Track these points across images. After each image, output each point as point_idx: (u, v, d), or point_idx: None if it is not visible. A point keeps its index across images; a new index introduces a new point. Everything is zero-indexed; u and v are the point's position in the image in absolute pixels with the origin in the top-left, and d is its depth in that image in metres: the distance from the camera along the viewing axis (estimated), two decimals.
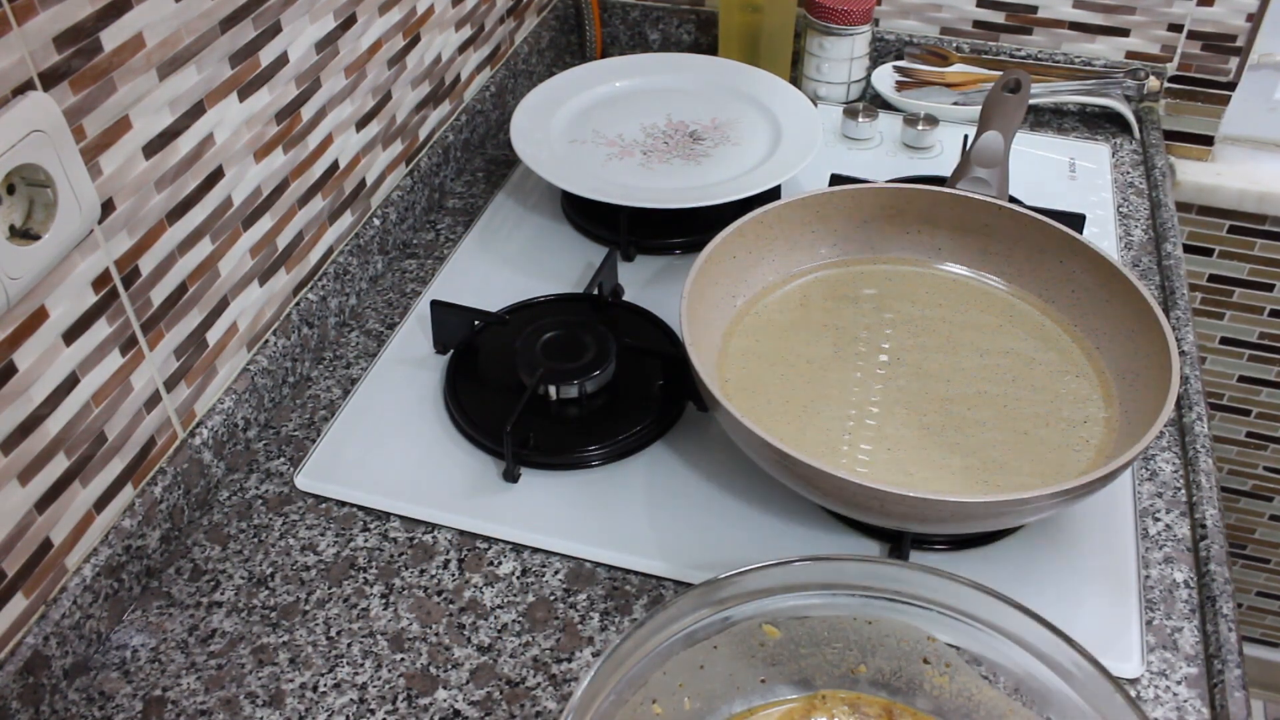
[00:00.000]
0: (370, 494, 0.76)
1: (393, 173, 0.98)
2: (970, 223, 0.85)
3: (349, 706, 0.64)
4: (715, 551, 0.72)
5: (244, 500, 0.77)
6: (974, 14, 1.21)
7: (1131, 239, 1.01)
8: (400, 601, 0.70)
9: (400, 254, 0.99)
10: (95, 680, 0.66)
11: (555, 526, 0.74)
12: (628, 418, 0.80)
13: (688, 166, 1.00)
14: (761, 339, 0.81)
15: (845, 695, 0.60)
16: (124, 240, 0.66)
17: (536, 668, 0.66)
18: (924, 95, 1.17)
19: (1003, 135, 0.88)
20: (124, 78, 0.64)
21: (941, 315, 0.83)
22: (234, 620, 0.69)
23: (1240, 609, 1.63)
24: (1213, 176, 1.23)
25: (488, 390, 0.82)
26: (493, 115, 1.16)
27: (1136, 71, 1.16)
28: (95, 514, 0.67)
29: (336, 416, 0.82)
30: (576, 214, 1.01)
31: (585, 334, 0.82)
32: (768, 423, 0.74)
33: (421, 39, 0.99)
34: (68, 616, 0.64)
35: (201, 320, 0.75)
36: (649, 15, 1.30)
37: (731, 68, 1.12)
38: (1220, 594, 0.69)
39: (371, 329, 0.91)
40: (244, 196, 0.77)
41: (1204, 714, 0.64)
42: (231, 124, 0.74)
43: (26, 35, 0.56)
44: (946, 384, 0.77)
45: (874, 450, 0.73)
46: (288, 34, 0.79)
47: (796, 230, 0.85)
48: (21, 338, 0.60)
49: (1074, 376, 0.77)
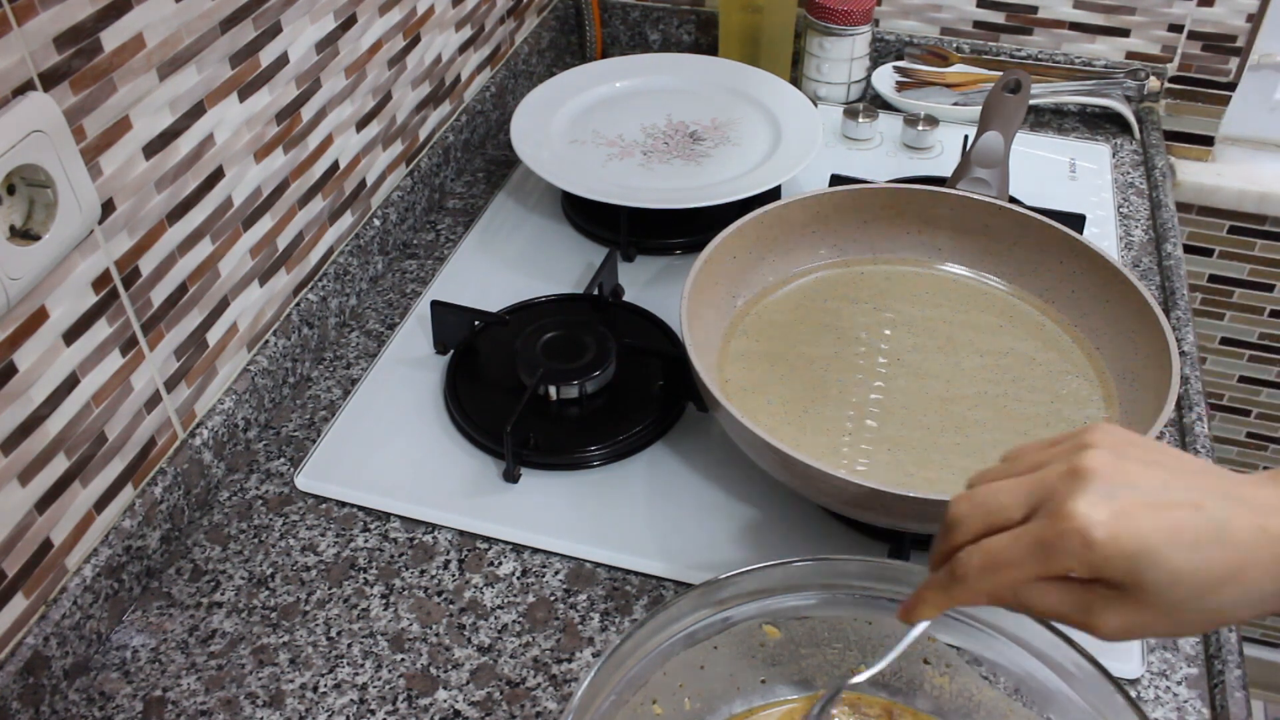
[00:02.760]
0: (370, 494, 0.76)
1: (393, 173, 0.98)
2: (970, 223, 0.85)
3: (349, 707, 0.64)
4: (715, 551, 0.72)
5: (244, 500, 0.77)
6: (974, 14, 1.21)
7: (1132, 239, 1.01)
8: (400, 602, 0.70)
9: (400, 254, 0.99)
10: (95, 680, 0.66)
11: (555, 527, 0.74)
12: (628, 418, 0.80)
13: (688, 166, 1.00)
14: (761, 339, 0.81)
15: (845, 695, 0.60)
16: (124, 240, 0.66)
17: (537, 668, 0.66)
18: (924, 95, 1.17)
19: (1003, 135, 0.88)
20: (124, 78, 0.64)
21: (941, 315, 0.83)
22: (234, 621, 0.69)
23: None
24: (1213, 177, 1.23)
25: (488, 390, 0.82)
26: (493, 115, 1.16)
27: (1137, 72, 1.16)
28: (95, 514, 0.67)
29: (337, 417, 0.82)
30: (576, 214, 1.01)
31: (585, 334, 0.82)
32: (768, 423, 0.74)
33: (422, 39, 0.99)
34: (68, 617, 0.64)
35: (202, 320, 0.75)
36: (649, 15, 1.30)
37: (731, 68, 1.12)
38: None
39: (372, 329, 0.91)
40: (244, 197, 0.77)
41: (1204, 714, 0.64)
42: (232, 124, 0.74)
43: (26, 35, 0.56)
44: (946, 384, 0.77)
45: (874, 450, 0.73)
46: (288, 34, 0.79)
47: (796, 230, 0.85)
48: (22, 338, 0.60)
49: (1074, 376, 0.77)
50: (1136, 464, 0.44)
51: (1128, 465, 0.43)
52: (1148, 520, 0.42)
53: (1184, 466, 0.44)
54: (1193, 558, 0.42)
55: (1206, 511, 0.42)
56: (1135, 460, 0.44)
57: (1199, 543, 0.42)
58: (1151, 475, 0.43)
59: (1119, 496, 0.42)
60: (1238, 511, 0.42)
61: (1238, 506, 0.43)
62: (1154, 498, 0.42)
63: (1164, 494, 0.43)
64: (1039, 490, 0.44)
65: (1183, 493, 0.43)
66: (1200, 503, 0.42)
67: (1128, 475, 0.43)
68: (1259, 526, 0.42)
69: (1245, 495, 0.43)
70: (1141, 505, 0.42)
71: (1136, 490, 0.42)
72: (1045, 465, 0.45)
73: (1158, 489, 0.43)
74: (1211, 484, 0.44)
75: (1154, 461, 0.44)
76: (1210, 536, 0.42)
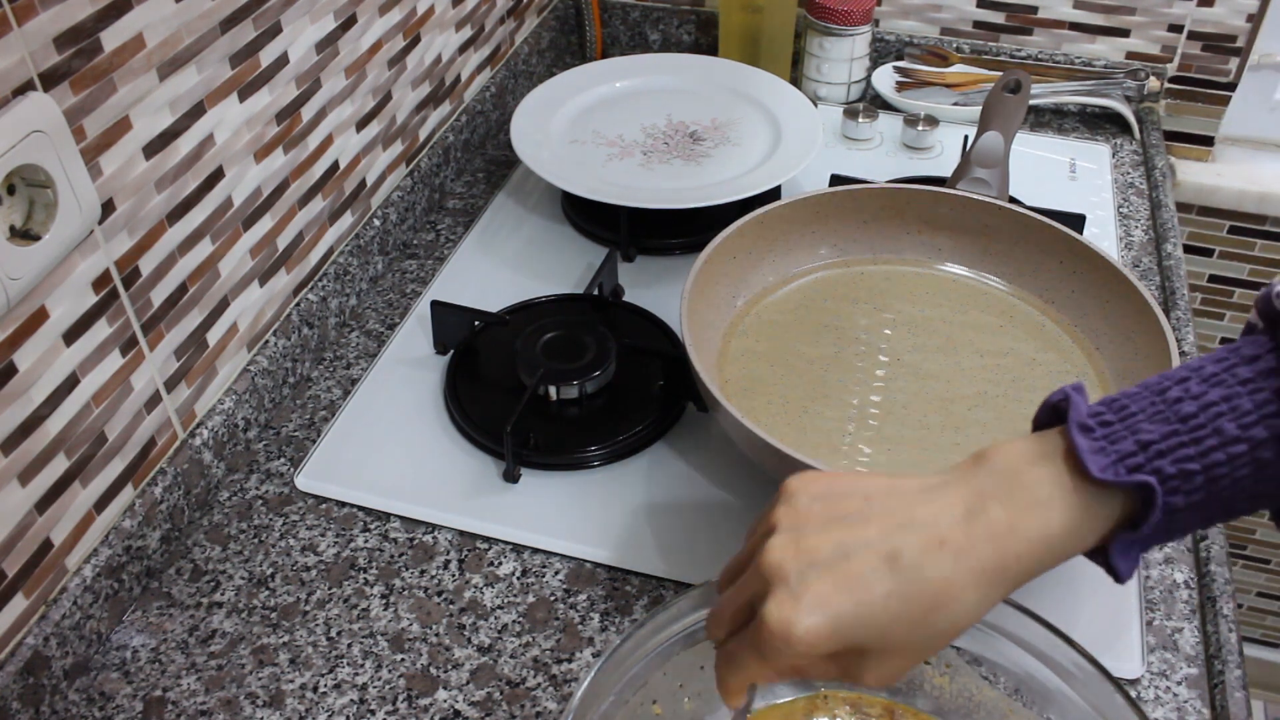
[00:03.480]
0: (370, 494, 0.76)
1: (393, 173, 0.98)
2: (970, 223, 0.85)
3: (349, 707, 0.64)
4: (715, 551, 0.72)
5: (244, 501, 0.77)
6: (974, 14, 1.21)
7: (1132, 239, 1.01)
8: (400, 602, 0.70)
9: (400, 254, 0.99)
10: (95, 680, 0.66)
11: (555, 527, 0.74)
12: (628, 418, 0.80)
13: (688, 166, 1.00)
14: (761, 339, 0.81)
15: (846, 695, 0.60)
16: (124, 240, 0.66)
17: (537, 668, 0.66)
18: (924, 95, 1.17)
19: (1003, 135, 0.88)
20: (124, 78, 0.64)
21: (941, 315, 0.83)
22: (234, 621, 0.69)
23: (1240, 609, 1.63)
24: (1213, 177, 1.23)
25: (488, 390, 0.82)
26: (493, 115, 1.16)
27: (1137, 72, 1.16)
28: (95, 514, 0.67)
29: (337, 417, 0.82)
30: (576, 214, 1.01)
31: (585, 334, 0.82)
32: (768, 423, 0.74)
33: (421, 39, 0.99)
34: (68, 617, 0.64)
35: (202, 321, 0.75)
36: (649, 15, 1.30)
37: (731, 68, 1.12)
38: (1220, 594, 0.69)
39: (372, 329, 0.91)
40: (244, 197, 0.77)
41: (1204, 714, 0.64)
42: (232, 124, 0.74)
43: (26, 35, 0.56)
44: (946, 384, 0.77)
45: (874, 451, 0.73)
46: (288, 34, 0.79)
47: (796, 230, 0.85)
48: (22, 338, 0.60)
49: (1074, 376, 0.77)
50: (814, 534, 0.44)
51: (805, 540, 0.44)
52: (834, 594, 0.43)
53: (863, 511, 0.45)
54: (890, 605, 0.43)
55: (881, 553, 0.43)
56: (813, 529, 0.45)
57: (889, 590, 0.43)
58: (828, 539, 0.44)
59: (803, 585, 0.43)
60: (909, 540, 0.43)
61: (909, 535, 0.43)
62: (835, 566, 0.43)
63: (842, 558, 0.43)
64: (745, 594, 0.46)
65: (860, 547, 0.43)
66: (876, 549, 0.43)
67: (807, 553, 0.44)
68: (935, 544, 0.43)
69: (917, 518, 0.44)
70: (826, 581, 0.43)
71: (817, 567, 0.43)
72: (752, 555, 0.47)
73: (835, 555, 0.43)
74: (887, 518, 0.44)
75: (833, 518, 0.45)
76: (894, 578, 0.43)
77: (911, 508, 0.44)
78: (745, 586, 0.46)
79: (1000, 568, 0.43)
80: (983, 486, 0.44)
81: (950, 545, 0.43)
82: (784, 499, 0.47)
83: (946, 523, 0.44)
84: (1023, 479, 0.44)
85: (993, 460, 0.45)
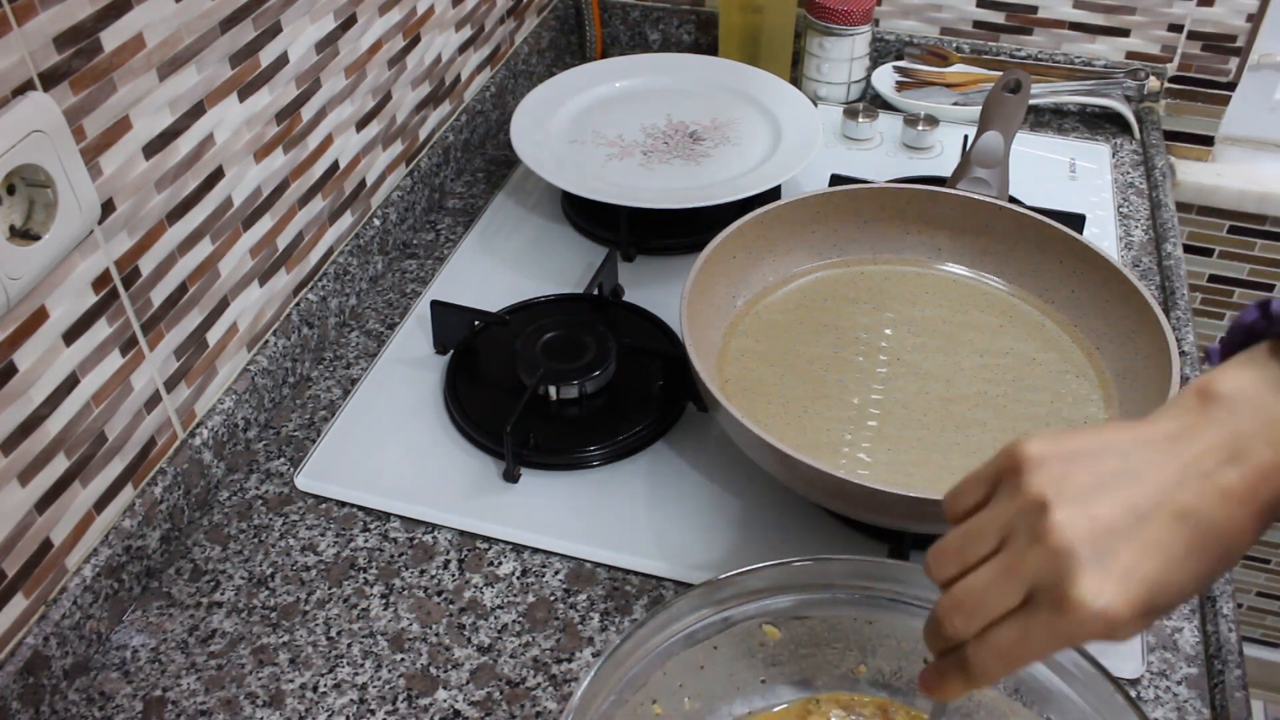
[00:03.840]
0: (370, 494, 0.76)
1: (393, 173, 0.98)
2: (970, 223, 0.85)
3: (349, 707, 0.64)
4: (715, 551, 0.72)
5: (244, 500, 0.77)
6: (974, 14, 1.21)
7: (1131, 239, 1.01)
8: (400, 602, 0.70)
9: (400, 254, 0.99)
10: (95, 680, 0.66)
11: (555, 526, 0.74)
12: (628, 418, 0.80)
13: (688, 166, 1.00)
14: (761, 339, 0.81)
15: (840, 696, 0.60)
16: (124, 240, 0.66)
17: (536, 668, 0.66)
18: (924, 95, 1.17)
19: (1003, 135, 0.88)
20: (124, 78, 0.64)
21: (941, 315, 0.83)
22: (234, 620, 0.69)
23: (1240, 609, 1.63)
24: (1213, 177, 1.23)
25: (488, 390, 0.82)
26: (493, 115, 1.16)
27: (1137, 72, 1.16)
28: (95, 514, 0.67)
29: (336, 417, 0.82)
30: (576, 214, 1.01)
31: (585, 334, 0.82)
32: (768, 423, 0.74)
33: (421, 39, 0.99)
34: (68, 617, 0.64)
35: (201, 320, 0.75)
36: (649, 15, 1.30)
37: (731, 68, 1.12)
38: (1220, 594, 0.69)
39: (371, 329, 0.91)
40: (244, 197, 0.77)
41: (1204, 714, 0.64)
42: (231, 124, 0.74)
43: (26, 35, 0.56)
44: (946, 384, 0.77)
45: (874, 450, 0.73)
46: (288, 34, 0.79)
47: (796, 230, 0.85)
48: (21, 338, 0.60)
49: (1074, 376, 0.77)
50: (1096, 501, 0.42)
51: (1093, 509, 0.42)
52: (1142, 561, 0.41)
53: (1127, 468, 0.42)
54: (1189, 563, 0.41)
55: (1172, 510, 0.41)
56: (1092, 496, 0.42)
57: (1189, 547, 0.41)
58: (1115, 504, 0.42)
59: (1108, 558, 0.41)
60: (1194, 494, 0.41)
61: (1191, 488, 0.42)
62: (1133, 533, 0.41)
63: (1138, 523, 0.41)
64: (1025, 578, 0.42)
65: (1150, 507, 0.42)
66: (1166, 507, 0.41)
67: (1101, 521, 0.41)
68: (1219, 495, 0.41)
69: (1189, 469, 0.42)
70: (1131, 549, 0.41)
71: (1114, 534, 0.41)
72: (1011, 537, 0.43)
73: (1130, 520, 0.41)
74: (1157, 471, 0.42)
75: (1102, 481, 0.42)
76: (1192, 534, 0.41)
77: (1176, 459, 0.42)
78: (1021, 573, 0.42)
79: (1275, 503, 0.42)
80: (1238, 426, 0.43)
81: (1234, 494, 0.41)
82: (1031, 467, 0.43)
83: (1219, 470, 0.42)
84: (1275, 412, 0.42)
85: (1229, 397, 0.43)
